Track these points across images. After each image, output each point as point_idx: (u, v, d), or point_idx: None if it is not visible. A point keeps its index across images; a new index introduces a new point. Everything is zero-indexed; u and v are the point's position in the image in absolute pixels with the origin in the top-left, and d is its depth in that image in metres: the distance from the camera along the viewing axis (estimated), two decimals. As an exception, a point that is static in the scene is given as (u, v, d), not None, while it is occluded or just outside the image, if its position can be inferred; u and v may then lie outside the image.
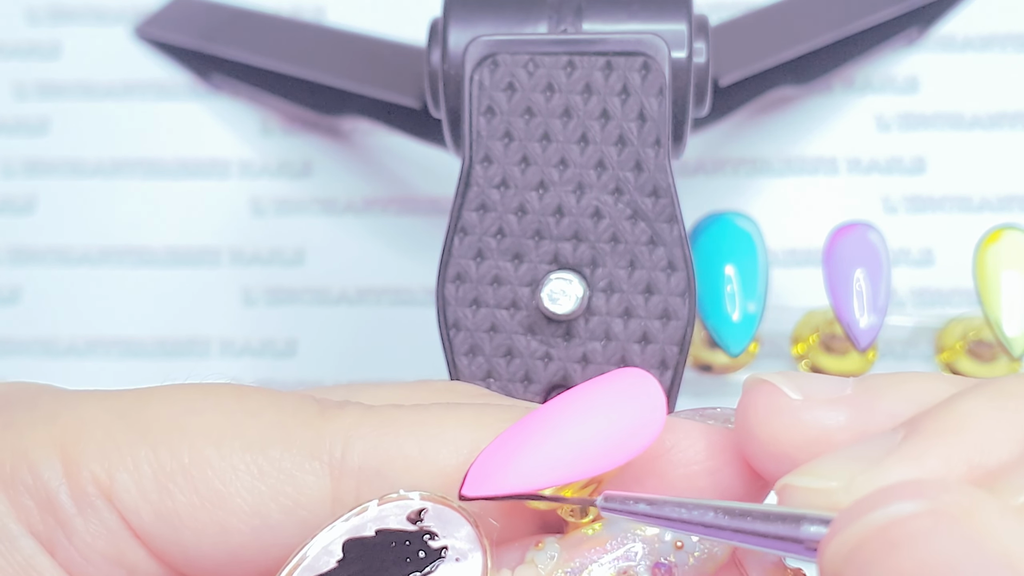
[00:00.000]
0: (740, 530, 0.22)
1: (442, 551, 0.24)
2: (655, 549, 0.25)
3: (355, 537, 0.24)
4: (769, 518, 0.22)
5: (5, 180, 0.47)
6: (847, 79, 0.47)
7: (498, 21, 0.34)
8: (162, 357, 0.45)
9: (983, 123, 0.46)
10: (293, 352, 0.45)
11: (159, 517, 0.25)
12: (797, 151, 0.46)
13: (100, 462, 0.25)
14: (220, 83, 0.47)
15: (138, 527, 0.25)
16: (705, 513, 0.23)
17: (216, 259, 0.46)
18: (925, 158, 0.46)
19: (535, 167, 0.33)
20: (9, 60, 0.48)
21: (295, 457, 0.25)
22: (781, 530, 0.22)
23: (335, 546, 0.24)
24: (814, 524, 0.22)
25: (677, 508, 0.23)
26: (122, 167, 0.47)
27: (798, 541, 0.22)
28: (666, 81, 0.32)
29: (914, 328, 0.43)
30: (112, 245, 0.46)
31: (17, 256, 0.46)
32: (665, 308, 0.32)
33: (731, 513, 0.23)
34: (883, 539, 0.20)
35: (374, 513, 0.25)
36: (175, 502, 0.25)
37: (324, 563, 0.24)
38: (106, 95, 0.48)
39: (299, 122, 0.47)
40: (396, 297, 0.45)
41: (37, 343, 0.45)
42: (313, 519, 0.25)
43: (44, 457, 0.25)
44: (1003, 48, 0.47)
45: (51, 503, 0.25)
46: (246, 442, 0.25)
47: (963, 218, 0.45)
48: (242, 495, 0.25)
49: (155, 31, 0.48)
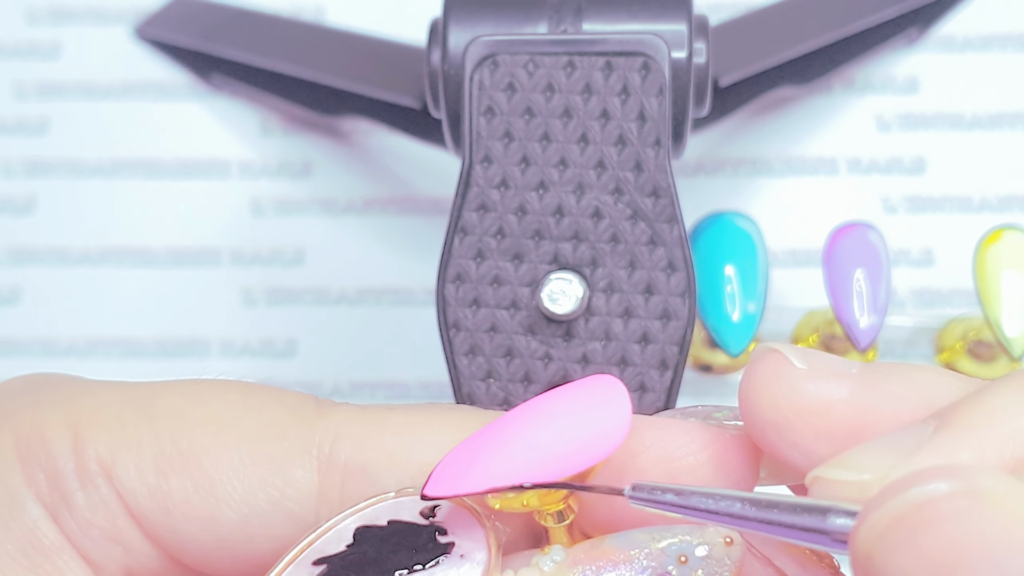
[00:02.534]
0: (767, 521, 0.22)
1: (448, 547, 0.25)
2: (660, 563, 0.24)
3: (367, 525, 0.25)
4: (796, 510, 0.22)
5: (5, 180, 0.47)
6: (847, 79, 0.47)
7: (498, 21, 0.34)
8: (162, 357, 0.45)
9: (983, 123, 0.46)
10: (293, 352, 0.45)
11: (154, 499, 0.26)
12: (797, 151, 0.46)
13: (106, 443, 0.26)
14: (220, 83, 0.47)
15: (134, 507, 0.26)
16: (732, 504, 0.23)
17: (216, 259, 0.46)
18: (925, 158, 0.46)
19: (535, 167, 0.33)
20: (9, 60, 0.48)
21: (287, 450, 0.26)
22: (808, 522, 0.22)
23: (347, 532, 0.25)
24: (841, 516, 0.22)
25: (704, 499, 0.23)
26: (122, 167, 0.47)
27: (824, 532, 0.22)
28: (666, 81, 0.32)
29: (914, 328, 0.43)
30: (112, 245, 0.46)
31: (17, 256, 0.46)
32: (665, 308, 0.32)
33: (758, 504, 0.22)
34: (917, 518, 0.20)
35: (389, 505, 0.25)
36: (170, 485, 0.26)
37: (334, 546, 0.25)
38: (106, 95, 0.48)
39: (299, 122, 0.47)
40: (396, 297, 0.45)
41: (37, 343, 0.45)
42: (299, 511, 0.26)
43: (58, 435, 0.26)
44: (1003, 48, 0.47)
45: (58, 476, 0.26)
46: (243, 433, 0.26)
47: (963, 218, 0.45)
48: (232, 483, 0.26)
49: (155, 31, 0.48)
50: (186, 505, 0.26)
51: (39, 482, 0.26)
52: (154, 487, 0.26)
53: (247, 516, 0.26)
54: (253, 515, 0.26)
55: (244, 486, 0.26)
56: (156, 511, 0.26)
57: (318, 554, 0.25)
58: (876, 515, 0.21)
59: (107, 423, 0.26)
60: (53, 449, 0.26)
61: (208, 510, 0.26)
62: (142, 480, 0.26)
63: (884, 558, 0.20)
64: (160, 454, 0.26)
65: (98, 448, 0.26)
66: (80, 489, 0.26)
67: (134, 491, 0.26)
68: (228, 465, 0.26)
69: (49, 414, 0.27)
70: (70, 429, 0.26)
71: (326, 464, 0.26)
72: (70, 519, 0.26)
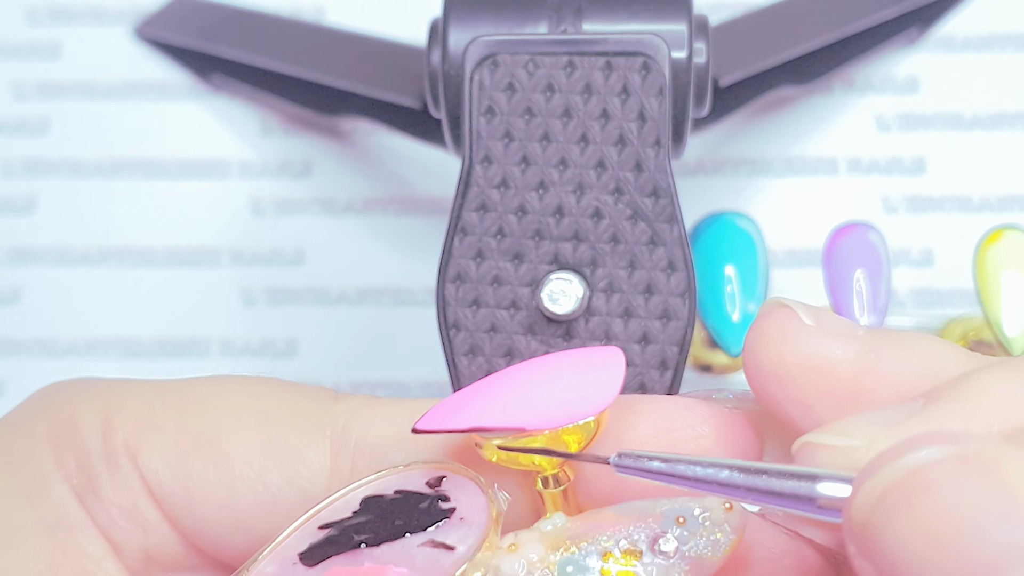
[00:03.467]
0: (754, 488, 0.22)
1: (449, 512, 0.25)
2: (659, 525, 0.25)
3: (374, 495, 0.26)
4: (785, 476, 0.22)
5: (5, 180, 0.47)
6: (847, 79, 0.47)
7: (498, 21, 0.34)
8: (162, 357, 0.45)
9: (983, 123, 0.46)
10: (293, 352, 0.45)
11: (175, 479, 0.27)
12: (797, 151, 0.46)
13: (133, 427, 0.27)
14: (220, 83, 0.47)
15: (156, 487, 0.27)
16: (720, 471, 0.23)
17: (216, 259, 0.46)
18: (925, 158, 0.46)
19: (535, 167, 0.33)
20: (9, 60, 0.48)
21: (301, 431, 0.27)
22: (796, 488, 0.22)
23: (354, 501, 0.26)
24: (830, 482, 0.22)
25: (691, 466, 0.23)
26: (122, 167, 0.47)
27: (813, 499, 0.22)
28: (666, 81, 0.32)
29: (914, 328, 0.43)
30: (112, 245, 0.46)
31: (17, 256, 0.46)
32: (665, 308, 0.32)
33: (747, 471, 0.23)
34: (911, 485, 0.20)
35: (397, 476, 0.26)
36: (190, 466, 0.27)
37: (340, 514, 0.26)
38: (106, 95, 0.48)
39: (299, 122, 0.47)
40: (396, 297, 0.45)
41: (37, 343, 0.45)
42: (312, 490, 0.27)
43: (89, 421, 0.27)
44: (1003, 48, 0.47)
45: (86, 458, 0.27)
46: (263, 417, 0.27)
47: (963, 218, 0.45)
48: (248, 462, 0.27)
49: (155, 31, 0.48)
50: (205, 485, 0.27)
51: (68, 463, 0.27)
52: (175, 468, 0.27)
53: (262, 495, 0.27)
54: (268, 494, 0.27)
55: (260, 466, 0.27)
56: (176, 492, 0.27)
57: (324, 520, 0.26)
58: (870, 484, 0.21)
59: (136, 410, 0.28)
60: (83, 432, 0.27)
61: (225, 490, 0.27)
62: (165, 461, 0.27)
63: (880, 527, 0.20)
64: (183, 436, 0.27)
65: (126, 431, 0.27)
66: (106, 470, 0.27)
67: (156, 472, 0.27)
68: (246, 446, 0.27)
69: (83, 403, 0.28)
70: (100, 415, 0.27)
71: (339, 444, 0.27)
72: (95, 499, 0.27)
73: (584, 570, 0.24)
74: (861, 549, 0.21)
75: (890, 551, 0.20)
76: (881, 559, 0.20)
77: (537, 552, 0.25)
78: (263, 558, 0.25)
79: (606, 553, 0.24)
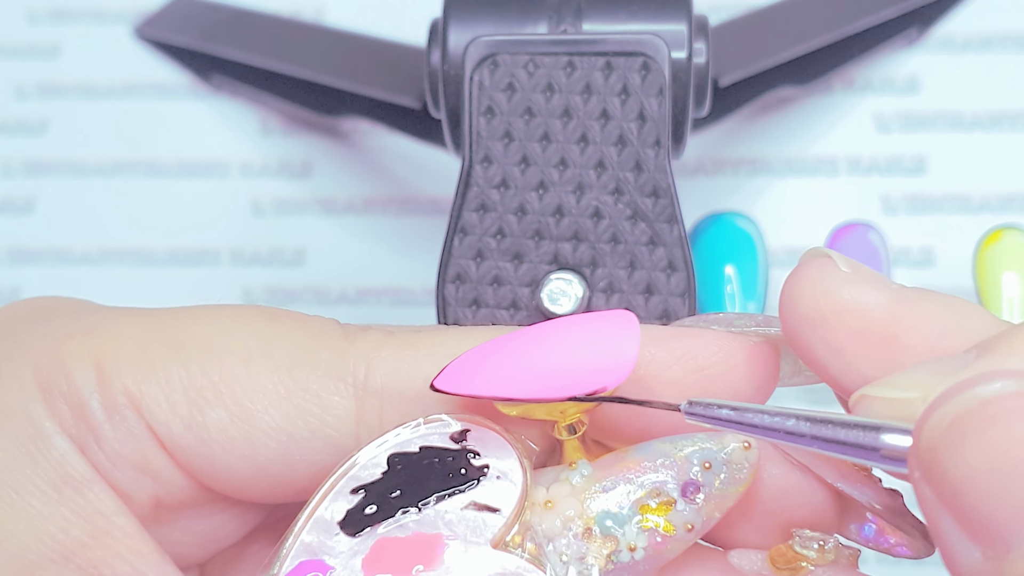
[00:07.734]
0: (819, 437, 0.23)
1: (484, 468, 0.25)
2: (684, 470, 0.25)
3: (400, 452, 0.26)
4: (848, 426, 0.23)
5: (5, 180, 0.47)
6: (847, 79, 0.47)
7: (498, 21, 0.34)
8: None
9: (983, 123, 0.46)
10: (293, 352, 0.45)
11: (188, 430, 0.26)
12: (797, 151, 0.46)
13: (132, 376, 0.26)
14: (220, 83, 0.47)
15: (167, 439, 0.26)
16: (786, 420, 0.23)
17: (216, 259, 0.46)
18: (925, 158, 0.46)
19: (535, 167, 0.33)
20: (9, 60, 0.48)
21: (321, 379, 0.26)
22: (860, 438, 0.23)
23: (380, 459, 0.26)
24: (894, 434, 0.22)
25: (760, 415, 0.24)
26: (122, 167, 0.47)
27: (876, 449, 0.22)
28: (666, 81, 0.32)
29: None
30: (112, 245, 0.46)
31: (17, 256, 0.46)
32: (665, 308, 0.32)
33: (812, 421, 0.23)
34: (984, 412, 0.21)
35: (419, 431, 0.26)
36: (205, 416, 0.26)
37: (369, 474, 0.25)
38: (106, 95, 0.48)
39: (299, 122, 0.47)
40: (396, 297, 0.45)
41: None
42: (340, 438, 0.26)
43: (80, 366, 0.26)
44: (1003, 48, 0.47)
45: (83, 409, 0.26)
46: (274, 363, 0.26)
47: (963, 218, 0.45)
48: (270, 412, 0.26)
49: (155, 31, 0.48)
50: (223, 436, 0.26)
51: (62, 414, 0.26)
52: (188, 419, 0.26)
53: (286, 444, 0.26)
54: (292, 443, 0.26)
55: (282, 415, 0.26)
56: (192, 442, 0.26)
57: (355, 482, 0.25)
58: (942, 410, 0.21)
59: (132, 356, 0.26)
60: (76, 381, 0.26)
61: (246, 440, 0.26)
62: (175, 412, 0.26)
63: (948, 451, 0.21)
64: (191, 385, 0.26)
65: (124, 381, 0.26)
66: (107, 421, 0.26)
67: (167, 423, 0.26)
68: (263, 395, 0.26)
69: (69, 345, 0.27)
70: (92, 361, 0.26)
71: (363, 390, 0.26)
72: (98, 451, 0.26)
73: (623, 522, 0.25)
74: (926, 474, 0.21)
75: (955, 476, 0.21)
76: (944, 483, 0.21)
77: (574, 508, 0.25)
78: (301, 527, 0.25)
79: (643, 506, 0.25)
